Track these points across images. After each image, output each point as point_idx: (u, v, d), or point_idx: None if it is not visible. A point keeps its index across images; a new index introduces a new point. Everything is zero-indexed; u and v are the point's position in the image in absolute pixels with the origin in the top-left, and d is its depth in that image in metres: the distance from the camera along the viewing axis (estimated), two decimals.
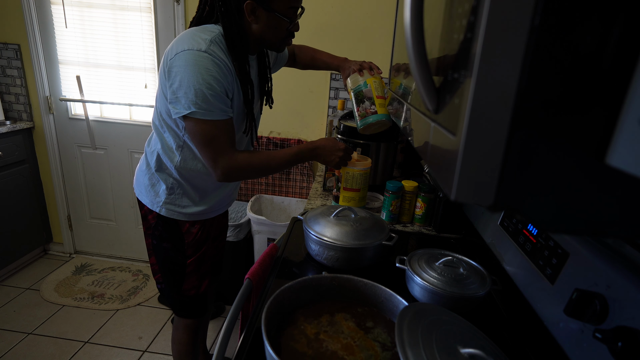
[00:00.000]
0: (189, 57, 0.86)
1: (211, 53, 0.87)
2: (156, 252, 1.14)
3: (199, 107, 0.87)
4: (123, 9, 1.97)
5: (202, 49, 0.86)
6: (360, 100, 1.16)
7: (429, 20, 0.42)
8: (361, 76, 1.18)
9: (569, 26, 0.26)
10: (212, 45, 0.88)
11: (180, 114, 0.89)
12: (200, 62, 0.86)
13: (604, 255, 0.59)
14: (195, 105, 0.87)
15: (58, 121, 2.23)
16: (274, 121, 2.05)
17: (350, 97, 1.22)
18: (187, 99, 0.87)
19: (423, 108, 0.48)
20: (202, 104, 0.87)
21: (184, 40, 0.88)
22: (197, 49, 0.86)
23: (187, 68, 0.86)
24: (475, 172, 0.31)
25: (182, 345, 1.27)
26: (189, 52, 0.86)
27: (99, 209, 2.39)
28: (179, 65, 0.86)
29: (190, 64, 0.86)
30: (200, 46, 0.86)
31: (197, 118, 0.88)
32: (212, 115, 0.89)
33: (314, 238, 0.94)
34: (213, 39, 0.89)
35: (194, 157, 1.03)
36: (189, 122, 0.91)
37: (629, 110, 0.25)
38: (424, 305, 0.64)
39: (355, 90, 1.17)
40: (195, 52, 0.86)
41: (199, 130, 0.90)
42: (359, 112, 1.16)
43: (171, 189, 1.07)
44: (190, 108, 0.87)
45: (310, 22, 1.84)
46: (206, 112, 0.88)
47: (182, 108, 0.88)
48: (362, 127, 1.17)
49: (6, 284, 2.15)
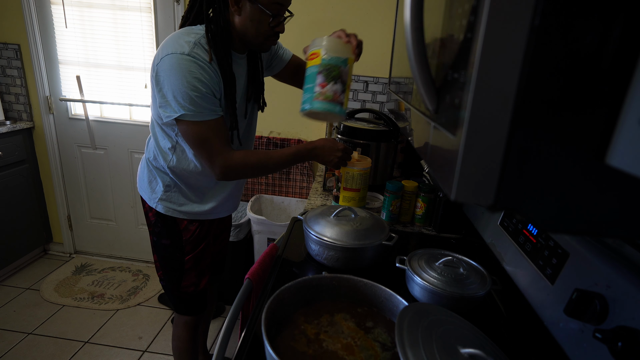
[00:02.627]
0: (173, 61, 0.87)
1: (194, 56, 0.88)
2: (157, 249, 1.15)
3: (188, 110, 0.88)
4: (123, 9, 1.97)
5: (185, 52, 0.87)
6: (333, 77, 0.87)
7: (429, 20, 0.42)
8: (345, 45, 0.89)
9: (569, 26, 0.26)
10: (196, 47, 0.89)
11: (171, 118, 0.90)
12: (184, 65, 0.86)
13: (604, 255, 0.59)
14: (184, 108, 0.88)
15: (58, 121, 2.23)
16: (274, 121, 2.05)
17: (310, 62, 0.90)
18: (176, 103, 0.88)
19: (423, 108, 0.48)
20: (189, 107, 0.88)
21: (168, 45, 0.89)
22: (180, 52, 0.87)
23: (171, 72, 0.87)
24: (475, 172, 0.31)
25: (181, 342, 1.28)
26: (172, 56, 0.87)
27: (99, 209, 2.39)
28: (163, 69, 0.88)
29: (175, 68, 0.87)
30: (183, 49, 0.87)
31: (188, 120, 0.90)
32: (202, 116, 0.90)
33: (314, 238, 0.94)
34: (197, 41, 0.90)
35: (187, 158, 1.04)
36: (180, 124, 0.92)
37: (629, 110, 0.25)
38: (424, 305, 0.64)
39: (331, 61, 0.87)
40: (178, 55, 0.87)
41: (191, 132, 0.92)
42: (324, 90, 0.87)
43: (167, 186, 1.08)
44: (179, 111, 0.88)
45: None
46: (195, 114, 0.89)
47: (172, 112, 0.89)
48: (312, 111, 0.89)
49: (6, 284, 2.15)
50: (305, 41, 0.98)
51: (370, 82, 1.93)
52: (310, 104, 0.88)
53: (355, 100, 1.98)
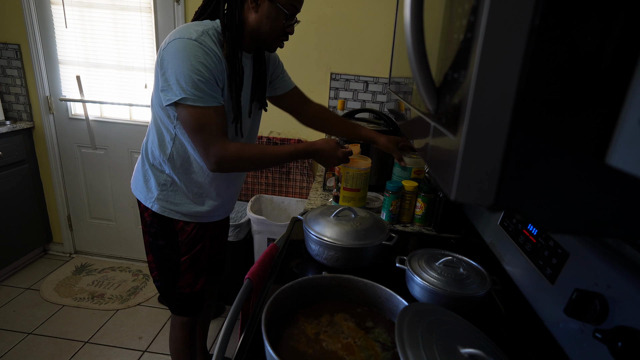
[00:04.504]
0: (179, 44, 0.89)
1: (201, 42, 0.90)
2: (152, 250, 1.14)
3: (189, 94, 0.89)
4: (123, 9, 1.97)
5: (193, 38, 0.89)
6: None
7: (429, 20, 0.42)
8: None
9: (569, 26, 0.26)
10: (204, 35, 0.91)
11: (171, 101, 0.90)
12: (190, 50, 0.88)
13: (604, 255, 0.59)
14: (186, 91, 0.88)
15: (58, 121, 2.23)
16: (274, 121, 2.05)
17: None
18: (178, 86, 0.89)
19: (423, 108, 0.48)
20: (192, 90, 0.88)
21: (177, 31, 0.92)
22: (187, 37, 0.89)
23: (177, 55, 0.88)
24: (475, 172, 0.31)
25: (178, 343, 1.27)
26: (179, 40, 0.89)
27: (99, 209, 2.39)
28: (169, 52, 0.89)
29: (180, 51, 0.88)
30: (191, 35, 0.89)
31: (188, 104, 0.90)
32: (203, 102, 0.90)
33: (314, 238, 0.94)
34: (205, 31, 0.92)
35: (186, 150, 1.03)
36: (180, 109, 0.92)
37: (629, 110, 0.25)
38: (424, 305, 0.64)
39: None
40: (185, 40, 0.89)
41: (189, 117, 0.91)
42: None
43: (164, 185, 1.07)
44: (180, 94, 0.89)
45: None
46: (197, 99, 0.89)
47: (173, 95, 0.90)
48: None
49: (6, 284, 2.15)
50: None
51: (370, 82, 1.93)
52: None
53: (355, 100, 1.98)
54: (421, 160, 1.34)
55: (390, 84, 1.08)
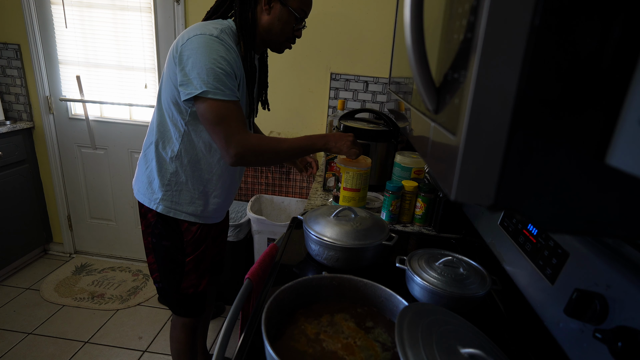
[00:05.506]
0: (201, 40, 0.91)
1: (222, 39, 0.93)
2: (155, 251, 1.14)
3: (211, 87, 0.91)
4: (123, 9, 1.97)
5: (214, 35, 0.93)
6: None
7: (429, 20, 0.42)
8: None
9: (569, 26, 0.26)
10: (223, 33, 0.95)
11: (192, 95, 0.92)
12: (212, 45, 0.91)
13: (604, 255, 0.59)
14: (208, 84, 0.90)
15: (58, 121, 2.23)
16: (274, 121, 2.05)
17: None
18: (199, 79, 0.90)
19: (423, 108, 0.48)
20: (214, 83, 0.91)
21: (196, 28, 0.95)
22: (209, 34, 0.92)
23: (199, 50, 0.91)
24: (475, 172, 0.31)
25: (180, 344, 1.27)
26: (201, 37, 0.92)
27: (99, 209, 2.39)
28: (190, 48, 0.92)
29: (202, 46, 0.91)
30: (212, 32, 0.93)
31: (209, 98, 0.91)
32: (224, 95, 0.92)
33: (314, 238, 0.94)
34: (223, 29, 0.96)
35: (194, 147, 1.05)
36: (200, 103, 0.93)
37: (629, 110, 0.25)
38: (424, 305, 0.64)
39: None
40: (207, 36, 0.92)
41: (211, 110, 0.93)
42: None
43: (168, 185, 1.07)
44: (201, 88, 0.90)
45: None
46: (218, 92, 0.91)
47: (193, 89, 0.91)
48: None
49: (6, 284, 2.15)
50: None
51: (370, 82, 1.93)
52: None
53: (355, 100, 1.98)
54: (421, 160, 1.34)
55: (390, 84, 1.08)
